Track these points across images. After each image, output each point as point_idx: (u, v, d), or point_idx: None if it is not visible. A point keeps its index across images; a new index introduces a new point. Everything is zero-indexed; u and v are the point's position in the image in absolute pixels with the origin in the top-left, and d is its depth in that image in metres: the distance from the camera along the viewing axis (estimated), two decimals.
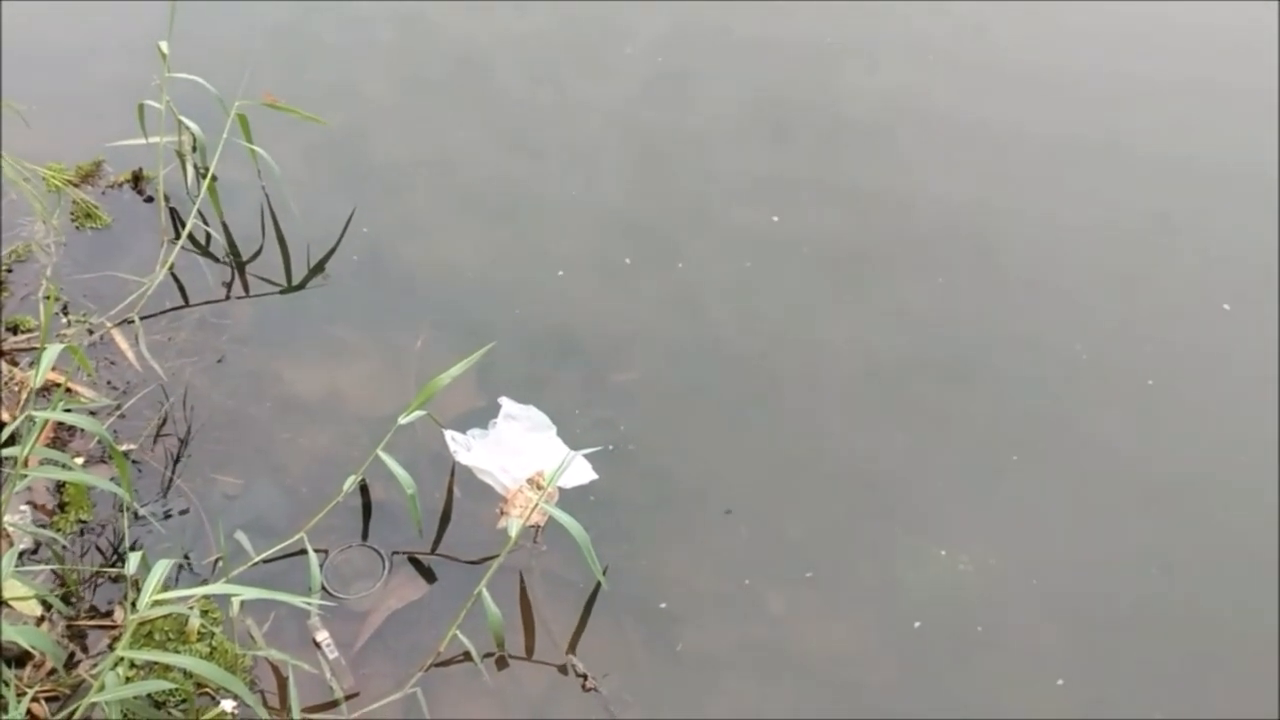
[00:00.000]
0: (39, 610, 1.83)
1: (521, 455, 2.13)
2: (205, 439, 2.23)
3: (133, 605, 1.61)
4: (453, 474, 2.19)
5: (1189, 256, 2.72)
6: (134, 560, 1.74)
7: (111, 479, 1.93)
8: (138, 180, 2.71)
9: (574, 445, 2.14)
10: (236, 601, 1.80)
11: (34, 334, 2.33)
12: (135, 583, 1.80)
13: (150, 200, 2.67)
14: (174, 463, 2.19)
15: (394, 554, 2.09)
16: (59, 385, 2.10)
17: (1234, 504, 2.24)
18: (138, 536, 2.06)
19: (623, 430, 2.29)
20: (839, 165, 2.91)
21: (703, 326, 2.52)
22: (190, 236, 2.57)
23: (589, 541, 1.92)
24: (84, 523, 2.06)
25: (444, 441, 2.15)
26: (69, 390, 2.21)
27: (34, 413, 1.75)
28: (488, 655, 1.95)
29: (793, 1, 3.39)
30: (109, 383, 2.29)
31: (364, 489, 2.15)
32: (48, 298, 2.36)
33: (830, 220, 2.76)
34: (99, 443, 2.14)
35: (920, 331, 2.52)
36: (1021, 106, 3.09)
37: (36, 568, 1.95)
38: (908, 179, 2.88)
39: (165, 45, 2.42)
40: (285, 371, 2.36)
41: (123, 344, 2.34)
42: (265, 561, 1.99)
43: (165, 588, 1.59)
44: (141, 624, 1.82)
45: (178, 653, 1.79)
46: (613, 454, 2.22)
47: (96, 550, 2.04)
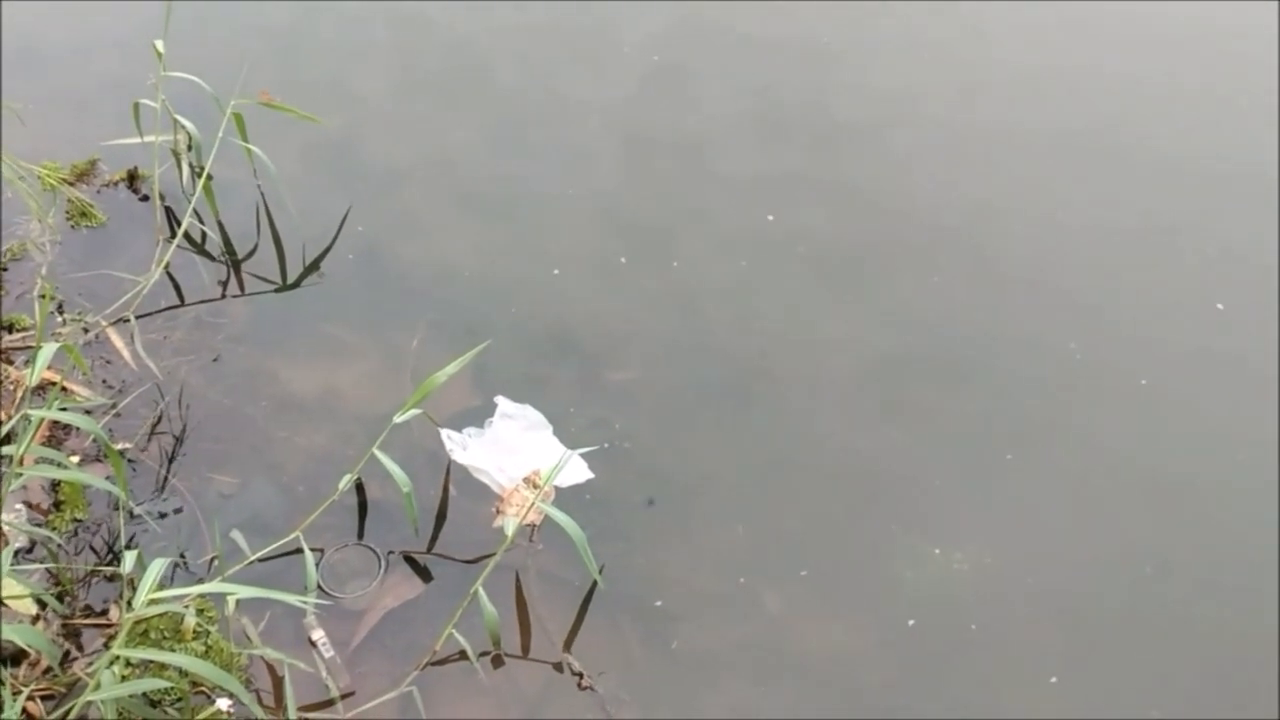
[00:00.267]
0: (34, 609, 1.84)
1: (518, 454, 2.14)
2: (201, 438, 2.23)
3: (128, 604, 1.61)
4: (449, 473, 2.19)
5: (1182, 256, 2.73)
6: (129, 559, 1.74)
7: (107, 478, 1.93)
8: (133, 179, 2.71)
9: (570, 444, 2.14)
10: (232, 600, 1.80)
11: (29, 333, 2.33)
12: (131, 581, 1.80)
13: (146, 199, 2.67)
14: (169, 461, 2.19)
15: (390, 553, 2.09)
16: (54, 384, 2.10)
17: (1227, 503, 2.25)
18: (133, 535, 2.06)
19: (618, 429, 2.29)
20: (834, 164, 2.91)
21: (698, 325, 2.52)
22: (186, 235, 2.57)
23: (585, 540, 1.93)
24: (79, 521, 2.06)
25: (440, 440, 2.15)
26: (64, 389, 2.21)
27: (30, 411, 1.75)
28: (484, 654, 1.95)
29: (790, 0, 3.39)
30: (104, 381, 2.29)
31: (360, 488, 2.15)
32: (43, 296, 2.36)
33: (826, 219, 2.76)
34: (94, 441, 2.14)
35: (916, 331, 2.53)
36: (1016, 106, 3.10)
37: (31, 566, 1.94)
38: (903, 178, 2.88)
39: (160, 44, 2.42)
40: (281, 370, 2.36)
41: (118, 343, 2.34)
42: (261, 560, 1.98)
43: (161, 586, 1.58)
44: (137, 622, 1.82)
45: (173, 651, 1.79)
46: (609, 453, 2.22)
47: (91, 549, 2.04)
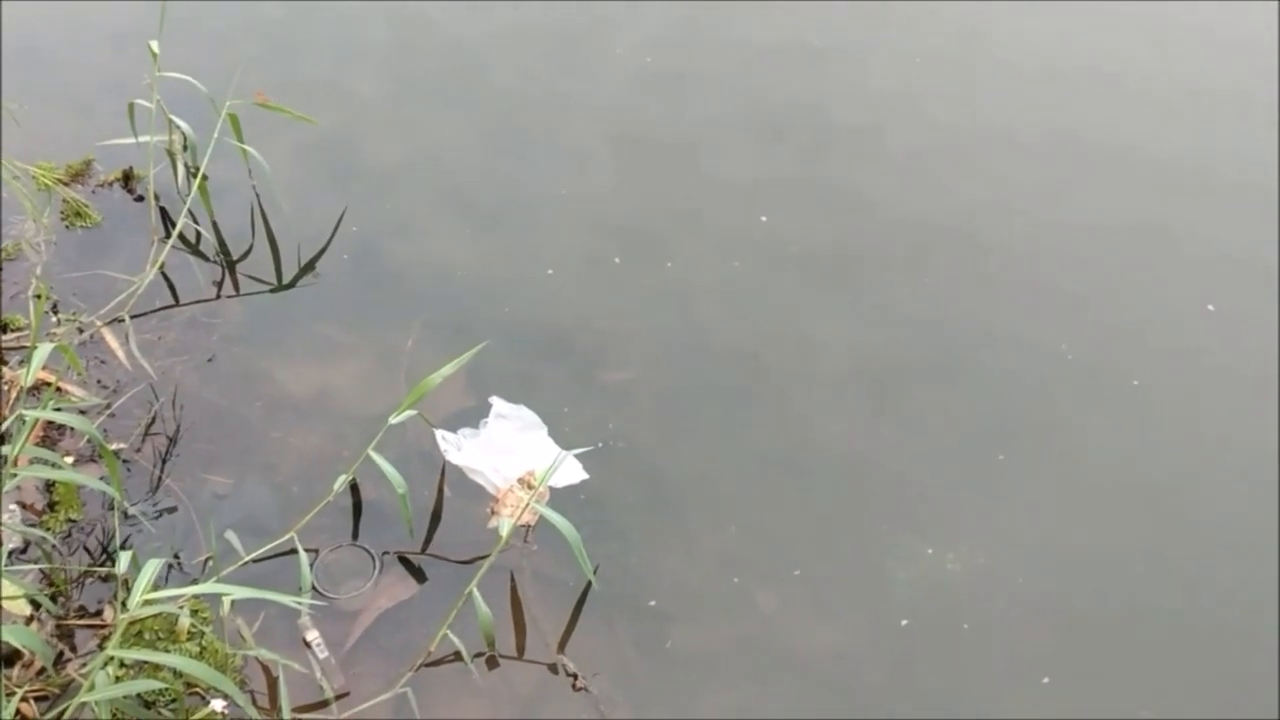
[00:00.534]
0: (28, 609, 1.83)
1: (512, 455, 2.14)
2: (195, 438, 2.23)
3: (123, 604, 1.61)
4: (443, 473, 2.19)
5: (1173, 257, 2.74)
6: (124, 559, 1.74)
7: (101, 478, 1.93)
8: (128, 179, 2.70)
9: (565, 445, 2.14)
10: (227, 601, 1.81)
11: (24, 333, 2.33)
12: (125, 582, 1.80)
13: (140, 199, 2.67)
14: (164, 462, 2.19)
15: (385, 553, 2.09)
16: (49, 384, 2.10)
17: (1218, 503, 2.26)
18: (127, 536, 2.05)
19: (613, 429, 2.30)
20: (827, 165, 2.92)
21: (692, 325, 2.53)
22: (180, 235, 2.57)
23: (580, 541, 1.93)
24: (73, 522, 2.06)
25: (435, 441, 2.15)
26: (59, 389, 2.21)
27: (24, 412, 1.75)
28: (478, 655, 1.96)
29: (784, 1, 3.40)
30: (99, 382, 2.29)
31: (354, 488, 2.16)
32: (38, 296, 2.36)
33: (819, 220, 2.77)
34: (89, 442, 2.14)
35: (908, 331, 2.53)
36: (1008, 108, 3.11)
37: (25, 567, 1.94)
38: (896, 179, 2.89)
39: (156, 44, 2.42)
40: (276, 371, 2.36)
41: (113, 343, 2.34)
42: (255, 561, 1.98)
43: (155, 587, 1.58)
44: (131, 623, 1.82)
45: (168, 652, 1.79)
46: (603, 453, 2.23)
47: (85, 550, 2.04)
